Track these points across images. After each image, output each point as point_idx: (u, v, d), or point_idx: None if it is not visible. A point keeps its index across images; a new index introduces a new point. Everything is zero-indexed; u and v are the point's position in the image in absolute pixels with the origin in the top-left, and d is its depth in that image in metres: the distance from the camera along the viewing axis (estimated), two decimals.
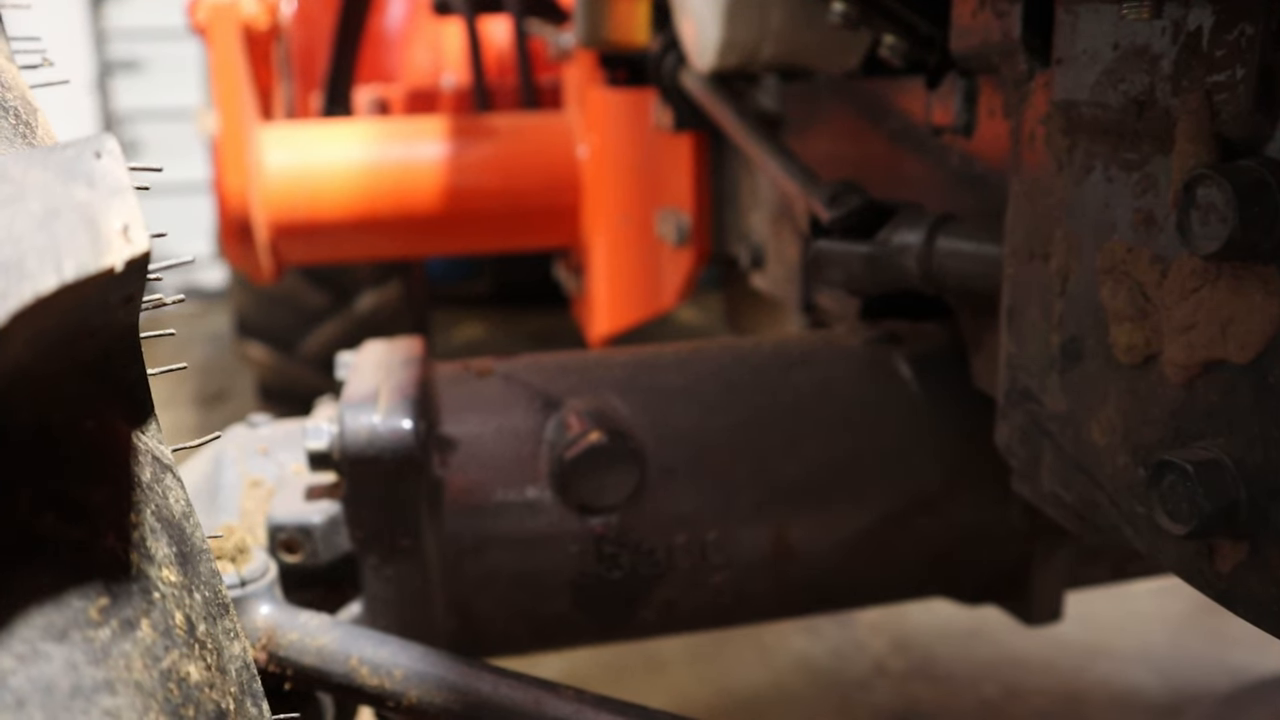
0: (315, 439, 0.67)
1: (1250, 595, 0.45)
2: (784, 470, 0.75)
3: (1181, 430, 0.48)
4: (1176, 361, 0.48)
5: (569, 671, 1.58)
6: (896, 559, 0.78)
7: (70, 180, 0.30)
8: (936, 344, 0.82)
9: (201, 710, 0.35)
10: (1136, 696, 1.61)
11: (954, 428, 0.77)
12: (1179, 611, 1.78)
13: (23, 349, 0.30)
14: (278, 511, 0.67)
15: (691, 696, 1.63)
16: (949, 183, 0.79)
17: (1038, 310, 0.59)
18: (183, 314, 4.13)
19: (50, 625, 0.30)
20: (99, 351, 0.35)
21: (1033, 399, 0.61)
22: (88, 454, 0.34)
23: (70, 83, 0.49)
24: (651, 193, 1.70)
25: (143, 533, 0.35)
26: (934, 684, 1.66)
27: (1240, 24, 0.43)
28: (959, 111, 0.76)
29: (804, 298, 1.15)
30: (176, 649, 0.34)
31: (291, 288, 2.47)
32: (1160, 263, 0.49)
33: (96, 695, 0.30)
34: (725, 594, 0.75)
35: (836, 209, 0.82)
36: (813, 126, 1.11)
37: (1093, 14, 0.52)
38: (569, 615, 0.73)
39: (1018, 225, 0.61)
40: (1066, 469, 0.58)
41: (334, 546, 0.67)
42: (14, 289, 0.27)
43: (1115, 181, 0.51)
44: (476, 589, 0.71)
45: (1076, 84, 0.54)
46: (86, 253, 0.29)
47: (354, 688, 0.55)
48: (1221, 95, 0.44)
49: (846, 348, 0.82)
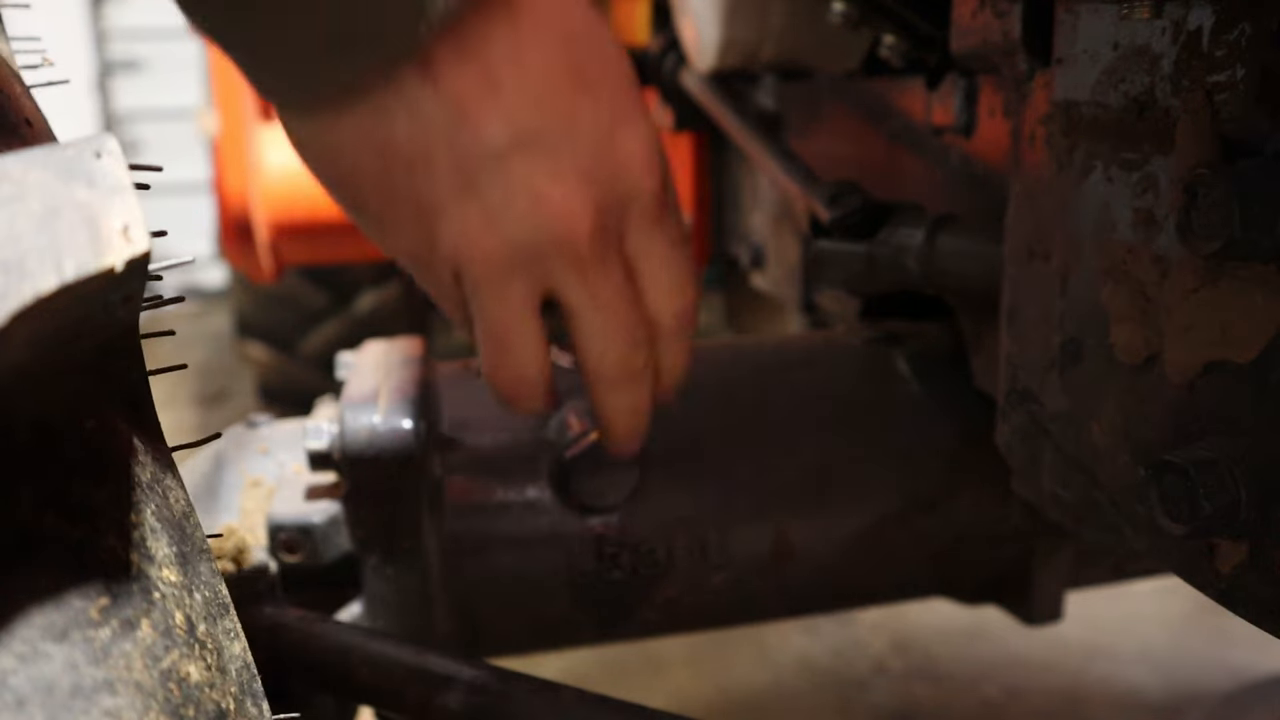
0: (315, 439, 0.67)
1: (1250, 595, 0.45)
2: (784, 470, 0.75)
3: (1182, 430, 0.48)
4: (1177, 362, 0.48)
5: (569, 671, 1.58)
6: (896, 559, 0.78)
7: (70, 180, 0.30)
8: (936, 344, 0.82)
9: (202, 710, 0.35)
10: (1136, 696, 1.61)
11: (954, 428, 0.77)
12: (1179, 611, 1.78)
13: (22, 349, 0.30)
14: (278, 511, 0.67)
15: (691, 696, 1.63)
16: (949, 183, 0.79)
17: (1038, 310, 0.59)
18: (183, 314, 4.13)
19: (50, 625, 0.30)
20: (99, 351, 0.35)
21: (1033, 399, 0.61)
22: (88, 454, 0.34)
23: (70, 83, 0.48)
24: None
25: (143, 533, 0.35)
26: (934, 684, 1.66)
27: (1240, 24, 0.43)
28: (959, 111, 0.76)
29: (804, 298, 1.15)
30: (177, 649, 0.34)
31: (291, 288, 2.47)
32: (1160, 263, 0.49)
33: (97, 695, 0.30)
34: (725, 594, 0.75)
35: (836, 209, 0.82)
36: (813, 126, 1.11)
37: (1093, 14, 0.52)
38: (569, 615, 0.73)
39: (1018, 225, 0.61)
40: (1066, 469, 0.58)
41: (334, 546, 0.67)
42: (14, 289, 0.27)
43: (1115, 181, 0.51)
44: (477, 589, 0.71)
45: (1077, 84, 0.54)
46: (86, 252, 0.29)
47: (354, 688, 0.55)
48: (1222, 95, 0.44)
49: (846, 348, 0.82)
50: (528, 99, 0.48)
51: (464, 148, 0.48)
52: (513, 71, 0.47)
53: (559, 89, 0.49)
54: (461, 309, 0.54)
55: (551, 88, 0.48)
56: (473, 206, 0.49)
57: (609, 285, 0.53)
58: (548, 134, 0.49)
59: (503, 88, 0.47)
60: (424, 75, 0.47)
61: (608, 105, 0.50)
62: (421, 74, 0.47)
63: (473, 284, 0.52)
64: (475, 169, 0.48)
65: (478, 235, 0.50)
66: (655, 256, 0.54)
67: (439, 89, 0.47)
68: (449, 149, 0.48)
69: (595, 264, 0.52)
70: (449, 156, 0.48)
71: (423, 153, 0.48)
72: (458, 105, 0.47)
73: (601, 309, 0.53)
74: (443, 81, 0.47)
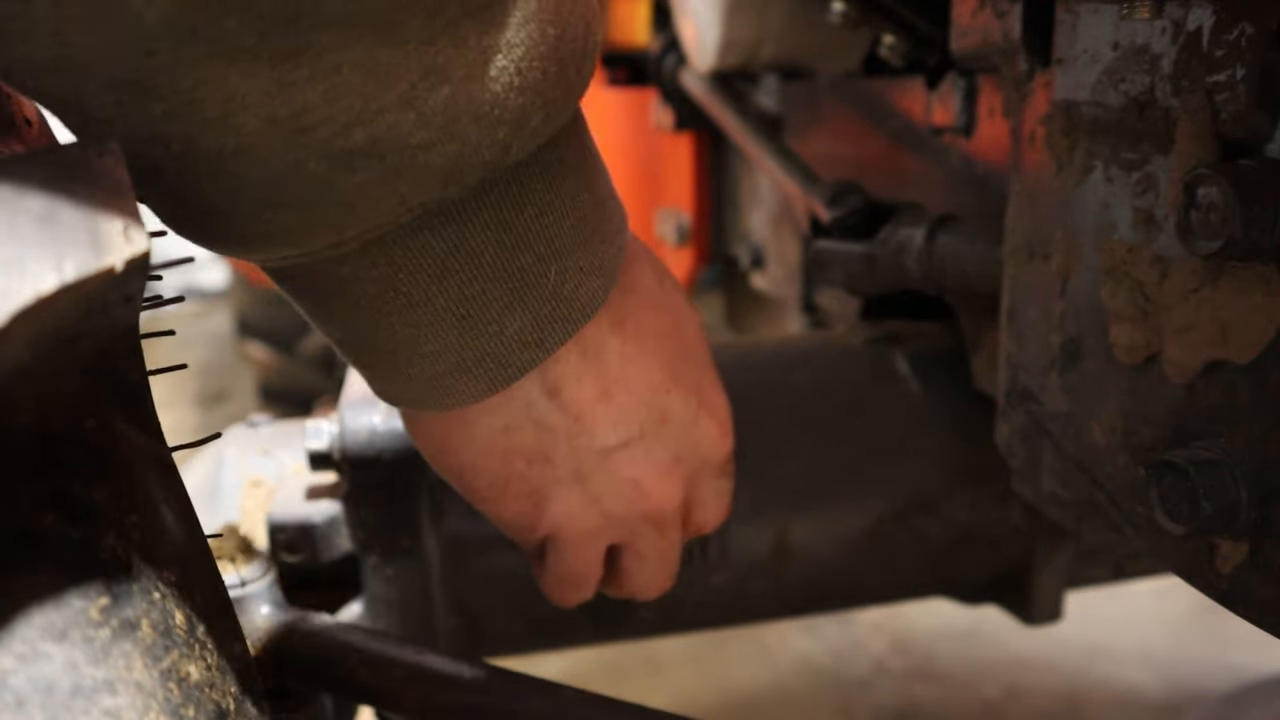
0: (315, 439, 0.67)
1: (1250, 595, 0.45)
2: (784, 470, 0.75)
3: (1182, 430, 0.48)
4: (1177, 362, 0.48)
5: (569, 671, 1.58)
6: (896, 559, 0.78)
7: (70, 180, 0.30)
8: (936, 344, 0.82)
9: (202, 710, 0.35)
10: (1136, 696, 1.61)
11: (954, 428, 0.77)
12: (1179, 611, 1.78)
13: (22, 349, 0.30)
14: (278, 511, 0.67)
15: (691, 696, 1.63)
16: (949, 183, 0.79)
17: (1038, 310, 0.59)
18: (183, 314, 4.12)
19: (50, 625, 0.30)
20: (99, 351, 0.35)
21: (1033, 399, 0.61)
22: (88, 454, 0.34)
23: None
24: (651, 193, 1.70)
25: (143, 533, 0.35)
26: (934, 684, 1.66)
27: (1240, 24, 0.43)
28: (959, 111, 0.76)
29: (804, 298, 1.15)
30: (176, 649, 0.34)
31: None
32: (1160, 263, 0.49)
33: (97, 695, 0.30)
34: (725, 594, 0.75)
35: (836, 209, 0.82)
36: (813, 126, 1.11)
37: (1093, 14, 0.52)
38: (569, 615, 0.73)
39: (1018, 225, 0.61)
40: (1066, 469, 0.58)
41: (334, 546, 0.67)
42: (14, 289, 0.27)
43: (1115, 181, 0.51)
44: (477, 589, 0.71)
45: (1077, 84, 0.54)
46: (86, 252, 0.29)
47: (354, 688, 0.55)
48: (1222, 95, 0.44)
49: (846, 348, 0.82)
50: (634, 404, 0.53)
51: (579, 449, 0.53)
52: (622, 384, 0.52)
53: (658, 390, 0.54)
54: (538, 549, 0.59)
55: (652, 390, 0.54)
56: (579, 491, 0.54)
57: (675, 539, 0.60)
58: (648, 430, 0.54)
59: (614, 398, 0.52)
60: (547, 391, 0.51)
61: (695, 394, 0.56)
62: (544, 390, 0.51)
63: (563, 542, 0.57)
64: (586, 465, 0.53)
65: (580, 514, 0.55)
66: (712, 500, 0.61)
67: (561, 403, 0.51)
68: (567, 450, 0.53)
69: (671, 524, 0.58)
70: (566, 456, 0.53)
71: (543, 454, 0.53)
72: (576, 416, 0.52)
73: (663, 555, 0.60)
74: (564, 396, 0.51)
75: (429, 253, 0.44)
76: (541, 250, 0.46)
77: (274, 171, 0.38)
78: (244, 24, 0.34)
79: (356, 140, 0.37)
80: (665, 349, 0.54)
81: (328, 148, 0.37)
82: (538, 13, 0.40)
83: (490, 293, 0.45)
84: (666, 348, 0.54)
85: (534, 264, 0.46)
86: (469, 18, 0.38)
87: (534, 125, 0.42)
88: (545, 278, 0.46)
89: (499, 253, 0.45)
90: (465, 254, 0.44)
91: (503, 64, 0.39)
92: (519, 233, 0.45)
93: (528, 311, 0.46)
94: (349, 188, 0.39)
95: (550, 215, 0.46)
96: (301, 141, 0.37)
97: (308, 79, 0.36)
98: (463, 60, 0.38)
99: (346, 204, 0.39)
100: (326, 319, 0.47)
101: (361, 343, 0.48)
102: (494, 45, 0.39)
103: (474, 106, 0.39)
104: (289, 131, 0.37)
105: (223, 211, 0.40)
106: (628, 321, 0.52)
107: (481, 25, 0.38)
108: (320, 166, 0.38)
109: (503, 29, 0.39)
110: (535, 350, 0.48)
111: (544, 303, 0.47)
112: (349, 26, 0.35)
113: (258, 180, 0.38)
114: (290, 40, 0.35)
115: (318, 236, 0.41)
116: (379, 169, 0.39)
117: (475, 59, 0.38)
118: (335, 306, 0.46)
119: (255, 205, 0.39)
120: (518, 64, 0.40)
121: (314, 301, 0.47)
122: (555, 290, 0.47)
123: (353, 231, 0.41)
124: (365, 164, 0.38)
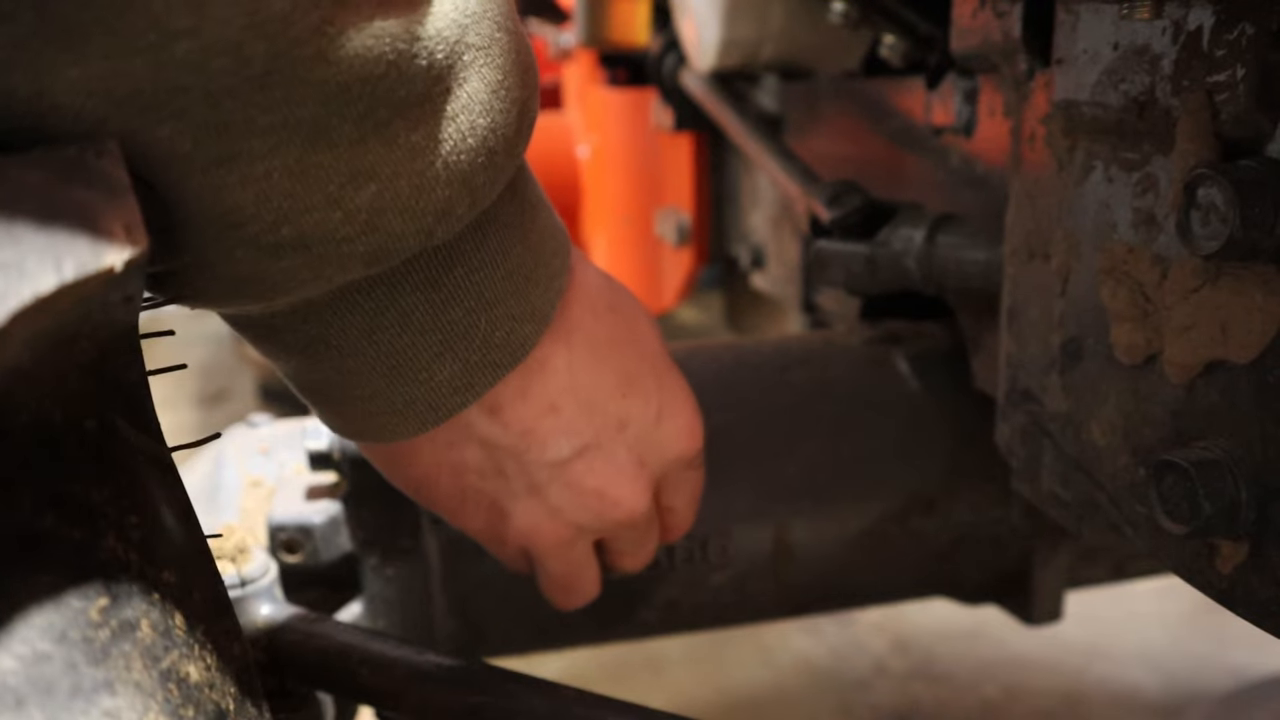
0: (315, 439, 0.67)
1: (1251, 595, 0.45)
2: (783, 470, 0.75)
3: (1182, 430, 0.48)
4: (1177, 362, 0.48)
5: (569, 671, 1.58)
6: (896, 559, 0.78)
7: (70, 180, 0.30)
8: (936, 344, 0.82)
9: (201, 710, 0.35)
10: (1136, 696, 1.61)
11: (954, 428, 0.77)
12: (1179, 611, 1.78)
13: (22, 349, 0.30)
14: (278, 511, 0.67)
15: (691, 696, 1.63)
16: (949, 183, 0.79)
17: (1038, 310, 0.59)
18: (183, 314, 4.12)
19: (50, 625, 0.30)
20: (99, 351, 0.35)
21: (1033, 399, 0.61)
22: (88, 454, 0.34)
23: None
24: (651, 193, 1.70)
25: (143, 533, 0.35)
26: (934, 684, 1.66)
27: (1240, 24, 0.43)
28: (959, 111, 0.76)
29: (804, 298, 1.15)
30: (176, 649, 0.34)
31: None
32: (1160, 263, 0.48)
33: (97, 695, 0.30)
34: (725, 594, 0.75)
35: (836, 209, 0.82)
36: (813, 126, 1.11)
37: (1093, 14, 0.52)
38: (569, 615, 0.73)
39: (1018, 225, 0.61)
40: (1066, 469, 0.58)
41: (334, 546, 0.67)
42: (14, 289, 0.27)
43: (1115, 181, 0.51)
44: (477, 589, 0.71)
45: (1077, 84, 0.54)
46: (86, 252, 0.29)
47: (354, 688, 0.55)
48: (1222, 95, 0.44)
49: (846, 348, 0.82)
50: (586, 413, 0.52)
51: (530, 463, 0.53)
52: (570, 396, 0.52)
53: (614, 396, 0.53)
54: (525, 562, 0.60)
55: (607, 396, 0.53)
56: (538, 504, 0.54)
57: (652, 533, 0.61)
58: (605, 438, 0.53)
59: (562, 410, 0.52)
60: (487, 411, 0.51)
61: (655, 395, 0.56)
62: (484, 410, 0.51)
63: (539, 553, 0.57)
64: (541, 477, 0.53)
65: (547, 526, 0.55)
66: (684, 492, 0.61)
67: (504, 421, 0.51)
68: (517, 465, 0.53)
69: (646, 524, 0.59)
70: (517, 470, 0.53)
71: (494, 468, 0.53)
72: (522, 432, 0.52)
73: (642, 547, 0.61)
74: (506, 414, 0.51)
75: (358, 310, 0.45)
76: (471, 304, 0.46)
77: (203, 254, 0.39)
78: (177, 133, 0.35)
79: (284, 235, 0.39)
80: (618, 353, 0.54)
81: (256, 242, 0.39)
82: (467, 106, 0.41)
83: (420, 344, 0.46)
84: (620, 352, 0.54)
85: (463, 316, 0.46)
86: (399, 116, 0.38)
87: (459, 214, 0.42)
88: (475, 328, 0.47)
89: (428, 310, 0.46)
90: (395, 312, 0.45)
91: (430, 159, 0.40)
92: (449, 290, 0.46)
93: (457, 360, 0.47)
94: (275, 271, 0.40)
95: (481, 272, 0.46)
96: (231, 235, 0.38)
97: (239, 183, 0.37)
98: (391, 158, 0.39)
99: (273, 283, 0.41)
100: (267, 355, 0.49)
101: (300, 382, 0.50)
102: (422, 141, 0.39)
103: (399, 201, 0.40)
104: (219, 227, 0.38)
105: (160, 273, 0.41)
106: (575, 332, 0.52)
107: (411, 122, 0.39)
108: (248, 254, 0.39)
109: (432, 124, 0.39)
110: (465, 394, 0.48)
111: (474, 351, 0.47)
112: (281, 132, 0.36)
113: (189, 258, 0.40)
114: (223, 148, 0.36)
115: (247, 303, 0.42)
116: (305, 257, 0.40)
117: (403, 156, 0.39)
118: (271, 350, 0.48)
119: (187, 272, 0.41)
120: (445, 158, 0.40)
121: (252, 341, 0.48)
122: (486, 339, 0.47)
123: (281, 304, 0.43)
124: (291, 254, 0.39)
